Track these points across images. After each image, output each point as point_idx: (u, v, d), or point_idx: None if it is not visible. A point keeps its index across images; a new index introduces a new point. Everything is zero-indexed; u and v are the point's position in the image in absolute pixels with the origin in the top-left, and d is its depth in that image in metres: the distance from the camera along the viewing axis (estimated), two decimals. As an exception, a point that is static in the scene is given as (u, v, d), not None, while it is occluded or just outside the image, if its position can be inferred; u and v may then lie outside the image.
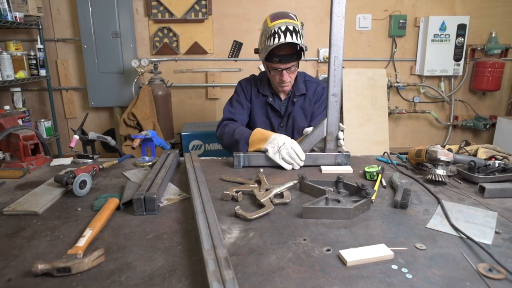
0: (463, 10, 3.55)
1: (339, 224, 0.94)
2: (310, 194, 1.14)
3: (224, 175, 1.31)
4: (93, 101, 3.41)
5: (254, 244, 0.84)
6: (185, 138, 3.02)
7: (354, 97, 3.43)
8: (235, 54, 3.52)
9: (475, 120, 3.74)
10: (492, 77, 3.51)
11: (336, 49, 1.35)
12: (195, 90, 3.64)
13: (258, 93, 1.80)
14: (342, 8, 1.31)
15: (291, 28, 1.50)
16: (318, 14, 3.51)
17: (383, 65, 3.66)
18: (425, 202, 1.08)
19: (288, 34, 1.49)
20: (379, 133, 3.44)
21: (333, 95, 1.40)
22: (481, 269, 0.74)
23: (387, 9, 3.53)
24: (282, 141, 1.37)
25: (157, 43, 3.44)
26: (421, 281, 0.70)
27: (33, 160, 1.42)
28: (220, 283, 0.64)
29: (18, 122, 1.57)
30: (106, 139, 1.54)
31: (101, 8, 3.19)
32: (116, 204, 1.02)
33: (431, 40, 3.50)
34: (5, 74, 2.75)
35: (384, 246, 0.81)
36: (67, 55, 3.45)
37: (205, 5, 3.37)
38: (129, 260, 0.78)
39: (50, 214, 1.00)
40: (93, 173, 1.27)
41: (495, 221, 0.95)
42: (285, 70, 1.62)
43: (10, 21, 2.77)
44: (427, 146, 1.30)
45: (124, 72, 3.34)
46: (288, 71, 1.63)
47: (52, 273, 0.72)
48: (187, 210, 1.03)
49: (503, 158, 1.40)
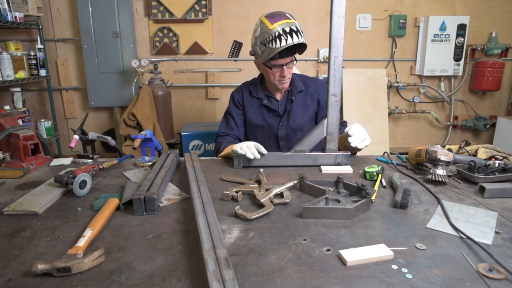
0: (463, 10, 3.55)
1: (339, 224, 0.94)
2: (310, 194, 1.14)
3: (224, 175, 1.31)
4: (93, 101, 3.41)
5: (254, 244, 0.84)
6: (185, 138, 3.01)
7: (354, 97, 3.42)
8: (235, 54, 3.51)
9: (475, 120, 3.74)
10: (492, 77, 3.51)
11: (336, 49, 1.35)
12: (195, 90, 3.63)
13: (252, 97, 1.81)
14: (342, 8, 1.31)
15: (294, 28, 1.52)
16: (318, 14, 3.51)
17: (383, 65, 3.66)
18: (425, 202, 1.08)
19: (293, 34, 1.52)
20: (379, 133, 3.44)
21: (333, 95, 1.40)
22: (481, 269, 0.74)
23: (387, 9, 3.53)
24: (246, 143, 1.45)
25: (157, 43, 3.44)
26: (421, 281, 0.70)
27: (33, 160, 1.42)
28: (220, 283, 0.64)
29: (18, 122, 1.57)
30: (106, 139, 1.54)
31: (101, 8, 3.19)
32: (116, 204, 1.02)
33: (431, 40, 3.50)
34: (5, 74, 2.75)
35: (384, 246, 0.81)
36: (67, 55, 3.45)
37: (205, 5, 3.37)
38: (129, 260, 0.78)
39: (50, 214, 1.00)
40: (93, 173, 1.27)
41: (495, 221, 0.95)
42: (285, 65, 1.64)
43: (10, 21, 2.77)
44: (427, 146, 1.30)
45: (124, 72, 3.34)
46: (287, 66, 1.65)
47: (52, 273, 0.72)
48: (187, 210, 1.03)
49: (503, 158, 1.40)
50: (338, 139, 1.44)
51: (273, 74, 1.67)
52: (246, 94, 1.82)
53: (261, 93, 1.79)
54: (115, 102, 3.43)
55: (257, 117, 1.79)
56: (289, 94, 1.78)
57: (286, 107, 1.78)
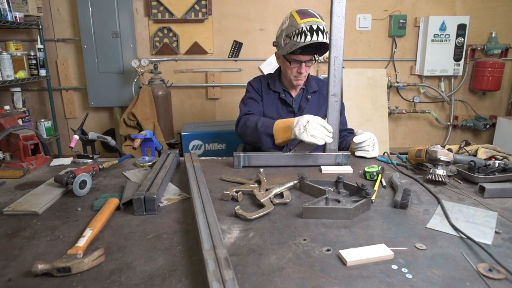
0: (463, 10, 3.55)
1: (339, 224, 0.94)
2: (310, 194, 1.14)
3: (224, 175, 1.31)
4: (93, 101, 3.41)
5: (254, 244, 0.84)
6: (185, 138, 3.01)
7: (354, 97, 3.43)
8: (235, 54, 3.52)
9: (475, 120, 3.74)
10: (492, 77, 3.51)
11: (336, 49, 1.35)
12: (195, 90, 3.64)
13: (269, 90, 1.83)
14: (342, 8, 1.31)
15: (321, 27, 1.56)
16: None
17: (383, 65, 3.66)
18: (425, 202, 1.08)
19: (320, 33, 1.55)
20: (379, 133, 3.44)
21: (333, 95, 1.40)
22: (481, 269, 0.74)
23: (387, 9, 3.53)
24: (306, 120, 1.35)
25: (157, 43, 3.44)
26: (421, 281, 0.70)
27: (33, 160, 1.42)
28: (220, 283, 0.64)
29: (18, 122, 1.57)
30: (106, 139, 1.54)
31: (101, 8, 3.19)
32: (116, 204, 1.02)
33: (431, 40, 3.50)
34: (5, 74, 2.75)
35: (384, 246, 0.81)
36: (67, 55, 3.45)
37: (205, 5, 3.37)
38: (129, 260, 0.78)
39: (50, 214, 1.00)
40: (93, 173, 1.27)
41: (495, 221, 0.95)
42: (304, 62, 1.66)
43: (10, 21, 2.77)
44: (427, 146, 1.30)
45: (124, 72, 3.34)
46: (306, 64, 1.68)
47: (52, 273, 0.72)
48: (187, 210, 1.03)
49: (503, 158, 1.40)
50: (338, 139, 1.44)
51: (291, 69, 1.69)
52: (264, 85, 1.84)
53: (279, 87, 1.81)
54: (115, 102, 3.43)
55: (272, 110, 1.81)
56: (304, 92, 1.81)
57: (300, 105, 1.80)
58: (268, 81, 1.85)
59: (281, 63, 1.77)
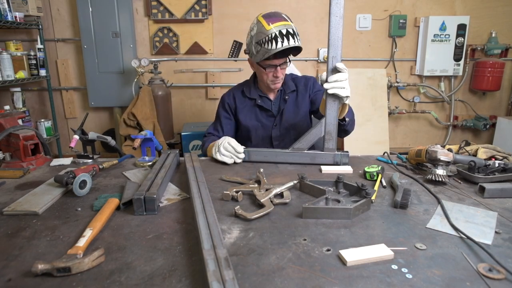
0: (463, 10, 3.55)
1: (339, 224, 0.94)
2: (310, 194, 1.14)
3: (224, 175, 1.31)
4: (93, 101, 3.41)
5: (254, 244, 0.84)
6: (185, 138, 3.01)
7: (354, 97, 3.42)
8: (235, 54, 3.51)
9: (475, 120, 3.74)
10: (492, 77, 3.51)
11: (335, 49, 1.35)
12: (195, 90, 3.64)
13: (244, 98, 1.80)
14: (340, 9, 1.31)
15: (290, 31, 1.53)
16: (318, 14, 3.51)
17: (383, 65, 3.66)
18: (425, 202, 1.08)
19: (290, 37, 1.53)
20: (379, 133, 3.44)
21: (331, 95, 1.40)
22: (481, 269, 0.74)
23: (387, 9, 3.53)
24: (220, 141, 1.49)
25: (157, 43, 3.44)
26: (421, 281, 0.70)
27: (33, 160, 1.42)
28: (220, 283, 0.64)
29: (18, 122, 1.57)
30: (106, 139, 1.54)
31: (101, 8, 3.19)
32: (116, 204, 1.02)
33: (431, 40, 3.50)
34: (5, 74, 2.75)
35: (384, 246, 0.81)
36: (67, 55, 3.45)
37: (205, 5, 3.37)
38: (129, 260, 0.78)
39: (50, 214, 1.00)
40: (93, 173, 1.27)
41: (495, 221, 0.95)
42: (279, 66, 1.64)
43: (10, 21, 2.77)
44: (427, 146, 1.30)
45: (124, 72, 3.34)
46: (281, 68, 1.66)
47: (52, 273, 0.72)
48: (187, 210, 1.03)
49: (503, 158, 1.40)
50: (336, 139, 1.45)
51: (266, 74, 1.67)
52: (238, 96, 1.82)
53: (255, 93, 1.79)
54: (115, 102, 3.43)
55: (251, 118, 1.79)
56: (282, 93, 1.78)
57: (280, 107, 1.78)
58: (243, 88, 1.81)
59: (256, 69, 1.74)
